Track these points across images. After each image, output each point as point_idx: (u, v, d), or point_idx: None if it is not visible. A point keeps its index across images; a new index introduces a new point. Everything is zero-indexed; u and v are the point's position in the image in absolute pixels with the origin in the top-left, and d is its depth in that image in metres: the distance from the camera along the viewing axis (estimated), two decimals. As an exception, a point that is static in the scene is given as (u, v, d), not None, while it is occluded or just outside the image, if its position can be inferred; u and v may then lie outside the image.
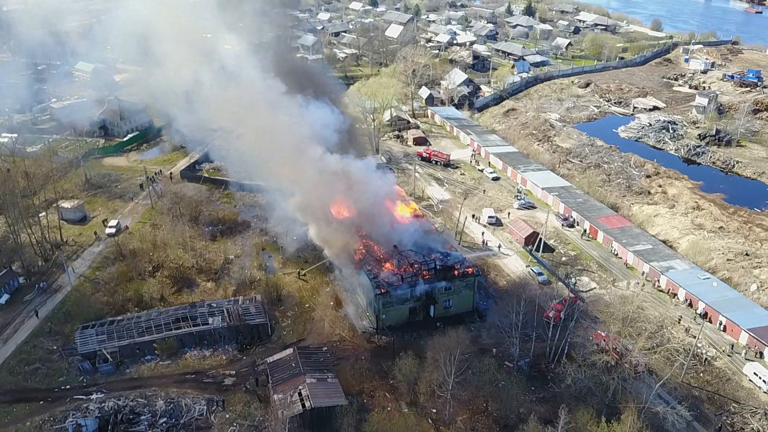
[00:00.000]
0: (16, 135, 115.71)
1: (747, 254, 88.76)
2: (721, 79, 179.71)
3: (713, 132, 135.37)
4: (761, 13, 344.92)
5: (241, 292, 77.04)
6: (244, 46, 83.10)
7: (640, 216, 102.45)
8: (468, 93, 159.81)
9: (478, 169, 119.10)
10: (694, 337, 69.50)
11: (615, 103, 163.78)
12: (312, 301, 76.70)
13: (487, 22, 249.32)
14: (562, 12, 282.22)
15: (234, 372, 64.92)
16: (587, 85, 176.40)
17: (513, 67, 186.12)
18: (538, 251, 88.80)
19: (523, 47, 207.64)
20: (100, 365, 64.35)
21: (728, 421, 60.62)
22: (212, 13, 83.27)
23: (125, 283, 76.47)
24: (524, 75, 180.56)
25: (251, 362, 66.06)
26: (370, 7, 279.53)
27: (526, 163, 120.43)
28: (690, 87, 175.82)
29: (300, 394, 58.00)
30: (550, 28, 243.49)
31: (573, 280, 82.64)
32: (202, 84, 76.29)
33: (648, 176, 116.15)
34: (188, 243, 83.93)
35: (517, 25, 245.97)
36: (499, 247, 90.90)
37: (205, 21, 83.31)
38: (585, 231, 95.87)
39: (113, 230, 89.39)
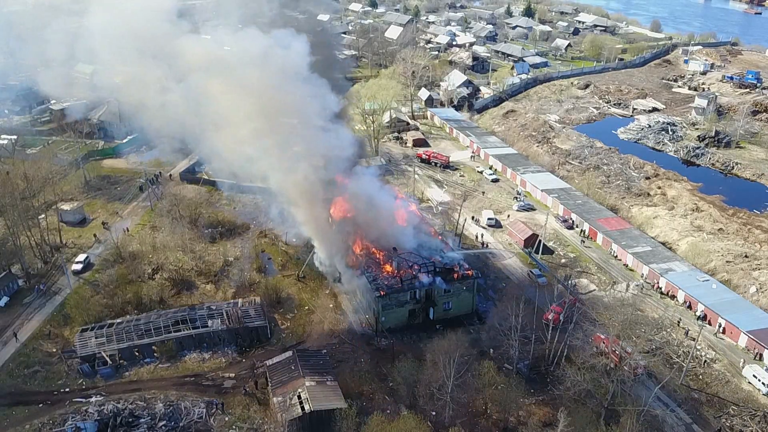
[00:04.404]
0: (15, 137, 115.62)
1: (746, 256, 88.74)
2: (721, 81, 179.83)
3: (712, 133, 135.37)
4: (761, 14, 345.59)
5: (241, 294, 77.01)
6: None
7: (639, 218, 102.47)
8: (467, 94, 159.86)
9: (478, 171, 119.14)
10: (694, 339, 69.57)
11: (614, 104, 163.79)
12: (311, 303, 76.72)
13: (487, 24, 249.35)
14: (562, 13, 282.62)
15: (233, 375, 64.88)
16: (586, 86, 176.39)
17: (512, 68, 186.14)
18: (538, 253, 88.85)
19: (523, 48, 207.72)
20: (100, 368, 64.28)
21: (728, 424, 60.55)
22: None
23: (124, 285, 76.27)
24: (524, 76, 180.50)
25: (251, 365, 66.04)
26: (369, 8, 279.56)
27: (526, 164, 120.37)
28: (689, 88, 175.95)
29: (299, 396, 58.01)
30: (550, 29, 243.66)
31: (572, 282, 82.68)
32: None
33: (647, 178, 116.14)
34: (187, 245, 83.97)
35: (516, 26, 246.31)
36: (484, 244, 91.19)
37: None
38: (583, 232, 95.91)
39: (80, 266, 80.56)
